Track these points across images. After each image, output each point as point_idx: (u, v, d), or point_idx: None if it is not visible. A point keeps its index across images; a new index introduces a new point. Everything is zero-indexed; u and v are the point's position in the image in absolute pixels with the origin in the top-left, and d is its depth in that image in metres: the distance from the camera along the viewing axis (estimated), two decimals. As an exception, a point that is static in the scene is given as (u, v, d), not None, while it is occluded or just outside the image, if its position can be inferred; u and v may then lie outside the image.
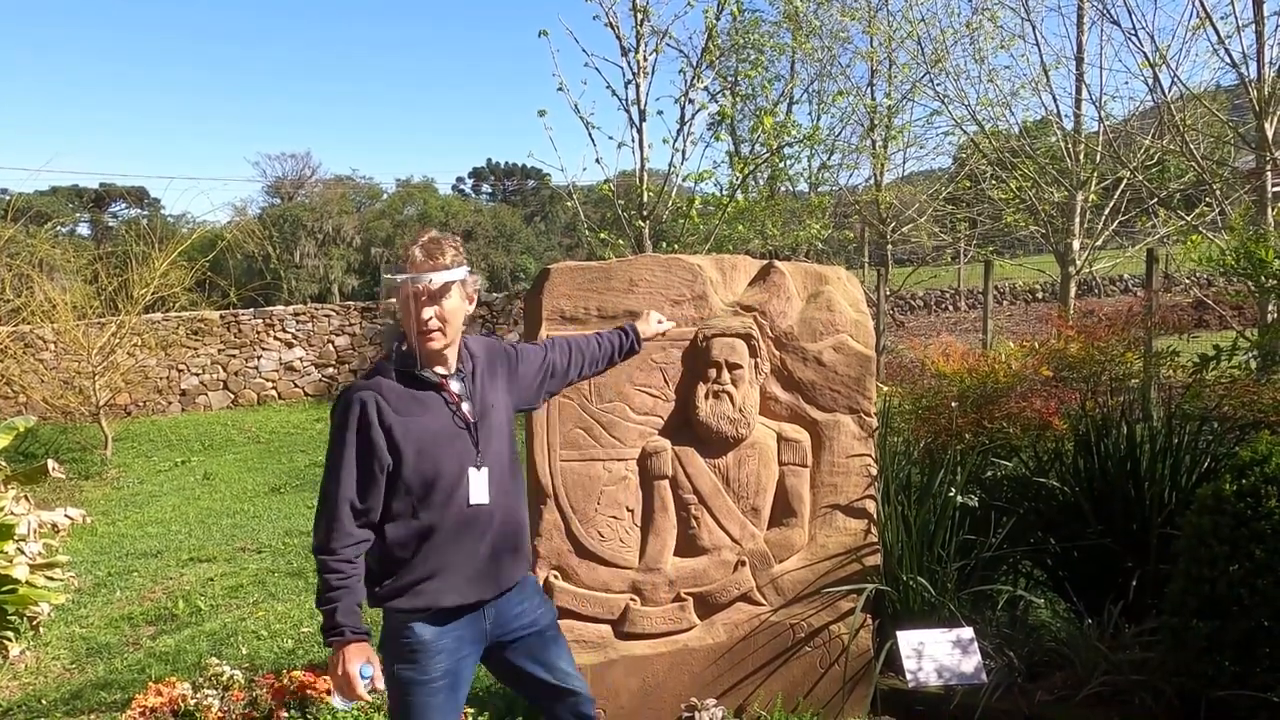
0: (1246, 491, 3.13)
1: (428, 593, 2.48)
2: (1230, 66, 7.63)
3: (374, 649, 2.45)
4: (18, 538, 4.89)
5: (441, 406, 2.51)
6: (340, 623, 2.37)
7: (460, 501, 2.49)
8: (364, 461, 2.41)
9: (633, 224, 8.17)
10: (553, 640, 2.76)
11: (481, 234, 43.78)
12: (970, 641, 3.62)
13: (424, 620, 2.50)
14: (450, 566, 2.49)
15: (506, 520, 2.60)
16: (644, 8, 7.65)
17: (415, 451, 2.43)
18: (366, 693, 2.38)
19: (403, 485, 2.44)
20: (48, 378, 13.14)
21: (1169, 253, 12.26)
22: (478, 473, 2.52)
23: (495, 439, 2.59)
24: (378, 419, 2.41)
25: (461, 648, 2.56)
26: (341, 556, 2.39)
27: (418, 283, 2.42)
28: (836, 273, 3.74)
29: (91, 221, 46.34)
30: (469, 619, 2.56)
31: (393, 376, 2.49)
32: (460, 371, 2.57)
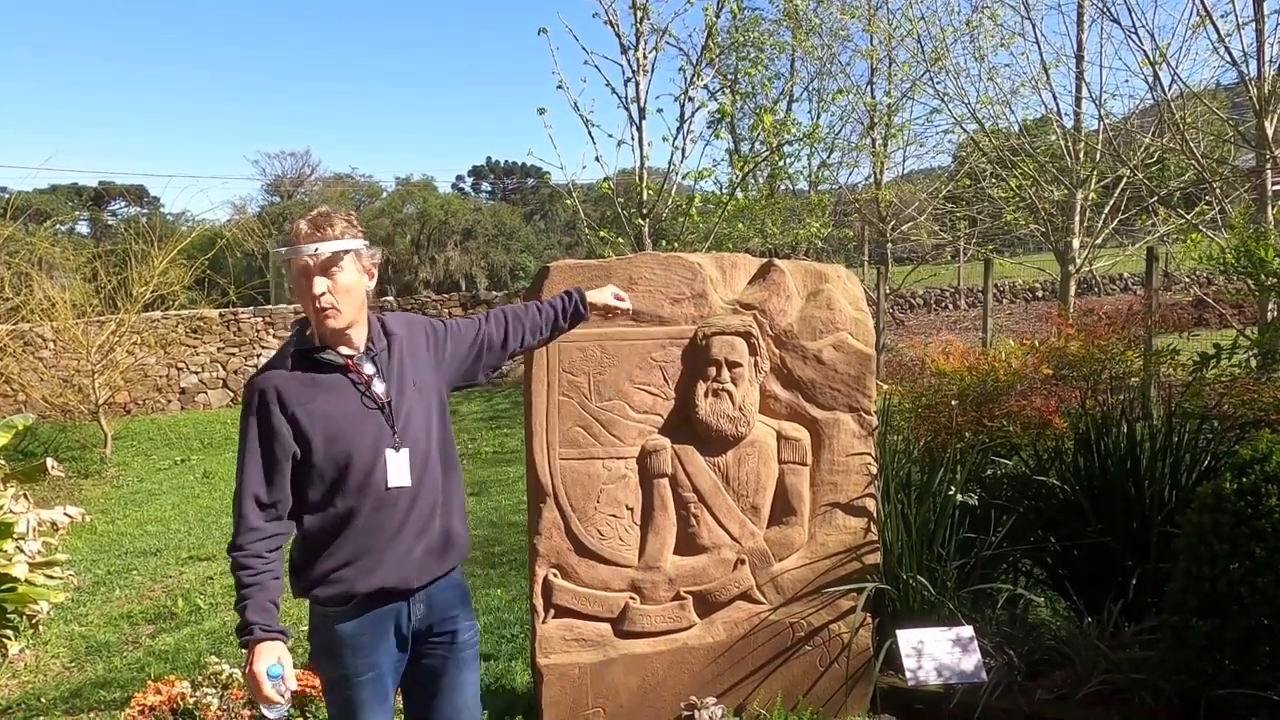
0: (1247, 490, 3.13)
1: (346, 579, 2.38)
2: (1230, 64, 7.62)
3: (286, 649, 2.35)
4: (17, 536, 4.88)
5: (349, 388, 2.40)
6: (251, 621, 2.29)
7: (378, 484, 2.38)
8: (269, 453, 2.32)
9: (632, 222, 8.17)
10: (468, 664, 2.62)
11: (481, 232, 43.76)
12: (970, 640, 3.62)
13: (345, 612, 2.41)
14: (368, 551, 2.39)
15: (432, 504, 2.49)
16: (643, 5, 7.65)
17: (324, 437, 2.34)
18: (276, 693, 2.28)
19: (315, 472, 2.35)
20: (47, 376, 13.14)
21: (1169, 251, 12.25)
22: (395, 454, 2.40)
23: (417, 419, 2.47)
24: (279, 407, 2.32)
25: (384, 640, 2.46)
26: (250, 552, 2.31)
27: (303, 255, 2.31)
28: (836, 271, 3.73)
29: (91, 220, 46.32)
30: (391, 610, 2.45)
31: (291, 363, 2.39)
32: (371, 350, 2.46)
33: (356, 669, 2.42)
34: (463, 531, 2.61)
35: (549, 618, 3.53)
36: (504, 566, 6.39)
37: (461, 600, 2.62)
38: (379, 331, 2.51)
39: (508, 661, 4.50)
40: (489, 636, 4.95)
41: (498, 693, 4.10)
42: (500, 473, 10.01)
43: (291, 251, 2.33)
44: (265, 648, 2.29)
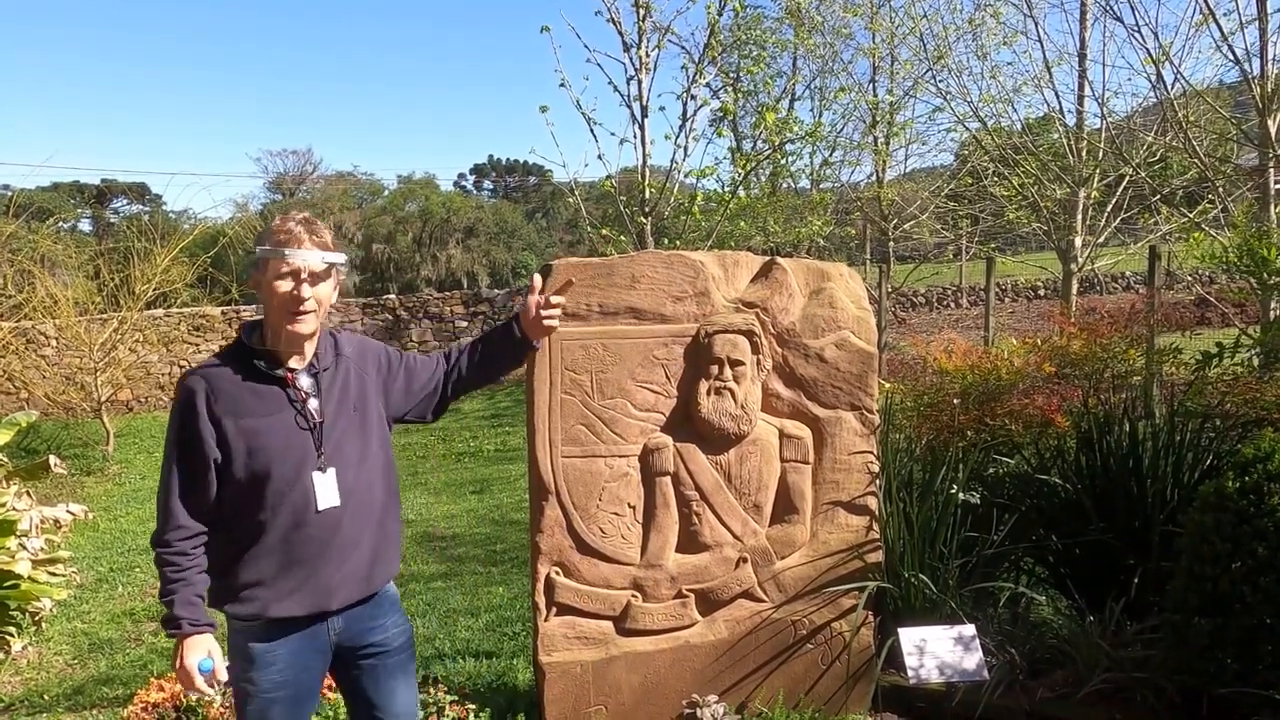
0: (1249, 489, 3.13)
1: (257, 600, 2.34)
2: (1233, 63, 7.61)
3: (216, 641, 2.35)
4: (20, 533, 4.90)
5: (283, 403, 2.35)
6: (178, 615, 2.27)
7: (298, 504, 2.33)
8: (193, 453, 2.30)
9: (634, 220, 8.17)
10: (399, 668, 2.58)
11: (483, 230, 43.77)
12: (972, 638, 3.62)
13: (256, 629, 2.37)
14: (284, 573, 2.34)
15: (360, 528, 2.43)
16: (646, 3, 7.66)
17: (246, 449, 2.29)
18: (207, 686, 2.29)
19: (233, 482, 2.31)
20: (49, 373, 13.16)
21: (1171, 250, 12.25)
22: (322, 476, 2.36)
23: (351, 442, 2.42)
24: (207, 411, 2.28)
25: (300, 659, 2.40)
26: (176, 549, 2.29)
27: (301, 260, 2.30)
28: (839, 269, 3.73)
29: (93, 217, 46.36)
30: (309, 631, 2.40)
31: (234, 366, 2.35)
32: (315, 367, 2.42)
33: (267, 685, 2.38)
34: (394, 557, 2.58)
35: (551, 615, 3.54)
36: (506, 564, 6.40)
37: (388, 609, 2.57)
38: (329, 348, 2.48)
39: (509, 659, 4.50)
40: (491, 634, 4.96)
41: (500, 690, 4.10)
42: (502, 470, 10.02)
43: (294, 255, 2.30)
44: (195, 641, 2.29)
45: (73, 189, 45.75)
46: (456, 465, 10.71)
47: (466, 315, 17.65)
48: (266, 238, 2.34)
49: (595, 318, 3.49)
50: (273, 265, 2.32)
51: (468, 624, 5.16)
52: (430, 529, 7.65)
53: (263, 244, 2.34)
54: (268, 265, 2.33)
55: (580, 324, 3.48)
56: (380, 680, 2.54)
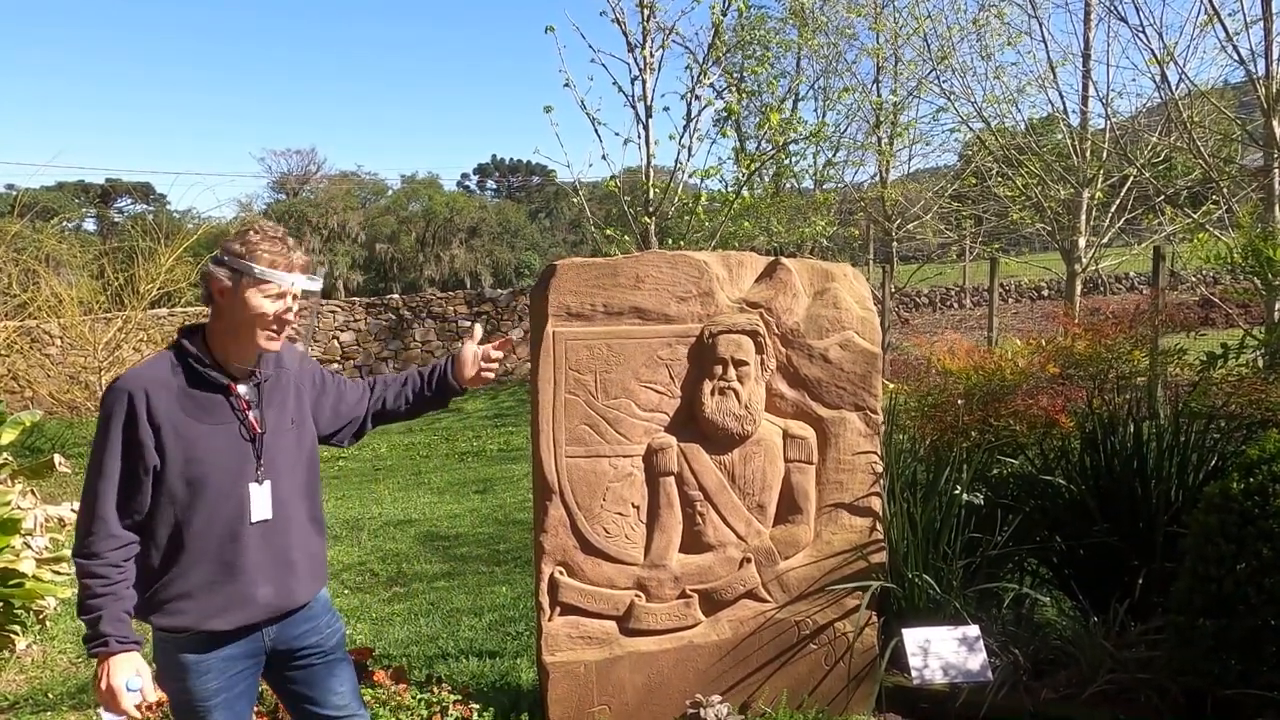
0: (1254, 490, 3.12)
1: (189, 613, 2.29)
2: (1238, 63, 7.61)
3: (144, 658, 2.28)
4: (24, 532, 4.90)
5: (226, 411, 2.32)
6: (104, 632, 2.20)
7: (232, 515, 2.30)
8: (129, 460, 2.23)
9: (638, 220, 8.18)
10: (336, 664, 2.58)
11: (486, 230, 43.81)
12: (976, 639, 3.62)
13: (186, 641, 2.32)
14: (214, 587, 2.30)
15: (291, 542, 2.41)
16: (650, 4, 7.66)
17: (184, 457, 2.25)
18: (133, 707, 2.21)
19: (167, 491, 2.26)
20: (54, 373, 13.19)
21: (1175, 250, 12.22)
22: (259, 488, 2.33)
23: (286, 454, 2.41)
24: (146, 416, 2.23)
25: (234, 665, 2.38)
26: (106, 560, 2.21)
27: (294, 286, 2.32)
28: (843, 270, 3.73)
29: (97, 217, 46.46)
30: (243, 641, 2.38)
31: (175, 373, 2.30)
32: (257, 377, 2.39)
33: (203, 694, 2.34)
34: (323, 569, 2.58)
35: (555, 615, 3.54)
36: (509, 564, 6.40)
37: (320, 612, 2.56)
38: (270, 358, 2.44)
39: (513, 659, 4.51)
40: (495, 634, 4.96)
41: (503, 690, 4.10)
42: (505, 470, 10.03)
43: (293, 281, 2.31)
44: (121, 660, 2.22)
45: (78, 188, 45.86)
46: (460, 465, 10.73)
47: (470, 315, 17.67)
48: (252, 254, 2.29)
49: (599, 318, 3.49)
50: (258, 284, 2.29)
51: (471, 623, 5.16)
52: (433, 529, 7.66)
53: (250, 258, 2.29)
54: (251, 283, 2.29)
55: (584, 324, 3.48)
56: (317, 679, 2.54)
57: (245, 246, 2.30)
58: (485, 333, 2.99)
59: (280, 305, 2.31)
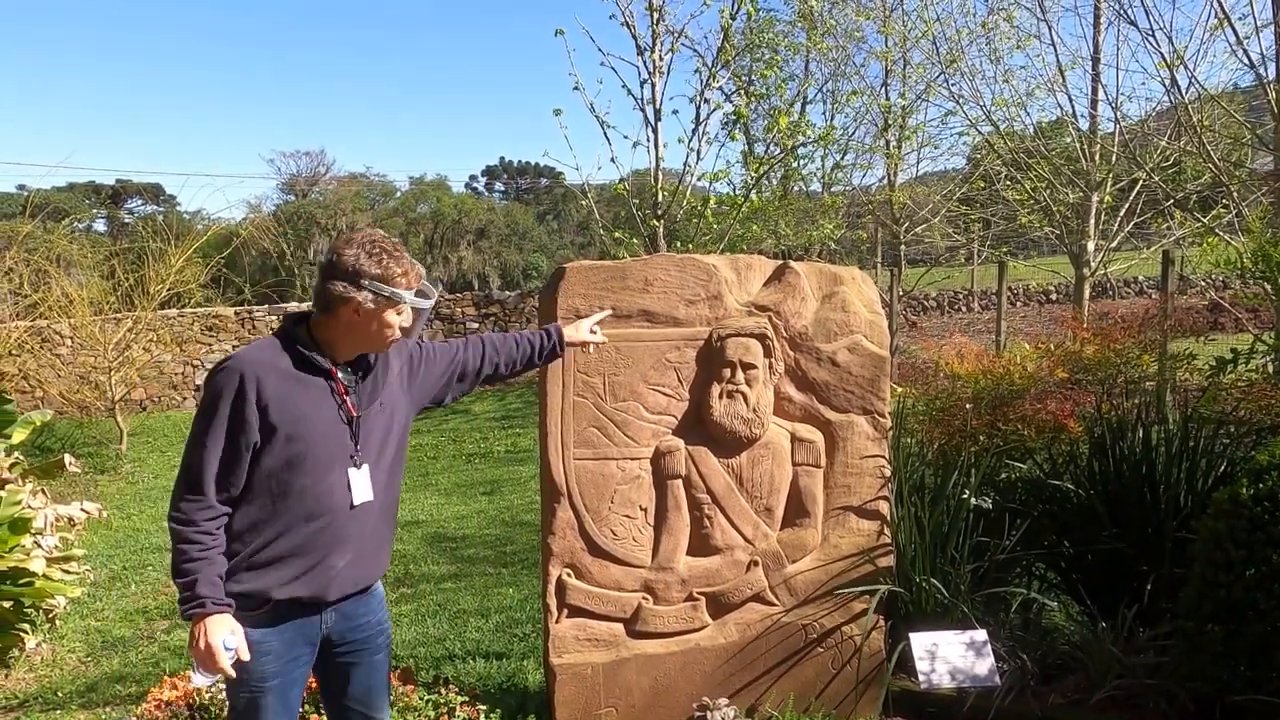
0: (1263, 495, 3.11)
1: (264, 579, 2.38)
2: (1248, 67, 7.59)
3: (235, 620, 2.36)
4: (34, 531, 4.92)
5: (327, 395, 2.44)
6: (201, 594, 2.28)
7: (323, 496, 2.40)
8: (233, 436, 2.33)
9: (647, 223, 8.19)
10: (379, 666, 2.68)
11: (494, 232, 43.87)
12: (983, 644, 3.61)
13: (254, 617, 2.40)
14: (293, 560, 2.40)
15: (374, 522, 2.53)
16: (660, 7, 7.68)
17: (287, 435, 2.36)
18: (230, 665, 2.30)
19: (266, 466, 2.36)
20: (64, 373, 13.24)
21: (1185, 255, 12.19)
22: (358, 471, 2.46)
23: (378, 437, 2.52)
24: (256, 395, 2.33)
25: (292, 650, 2.46)
26: (203, 528, 2.32)
27: (420, 305, 2.50)
28: (851, 273, 3.73)
29: (108, 218, 46.67)
30: (303, 621, 2.47)
31: (280, 355, 2.41)
32: (350, 364, 2.51)
33: (260, 674, 2.42)
34: (388, 552, 2.70)
35: (562, 617, 3.54)
36: (516, 566, 6.41)
37: (375, 607, 2.67)
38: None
39: (520, 661, 4.51)
40: (502, 635, 4.97)
41: (510, 691, 4.11)
42: (513, 472, 10.04)
43: (422, 304, 2.51)
44: (218, 620, 2.30)
45: (88, 189, 46.05)
46: (467, 466, 10.73)
47: (478, 316, 17.69)
48: (390, 276, 2.40)
49: (607, 320, 3.50)
50: (395, 305, 2.43)
51: (478, 625, 5.17)
52: (441, 530, 7.67)
53: (387, 282, 2.40)
54: (386, 303, 2.41)
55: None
56: (362, 669, 2.63)
57: (380, 268, 2.40)
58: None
59: (406, 318, 2.49)
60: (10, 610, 4.63)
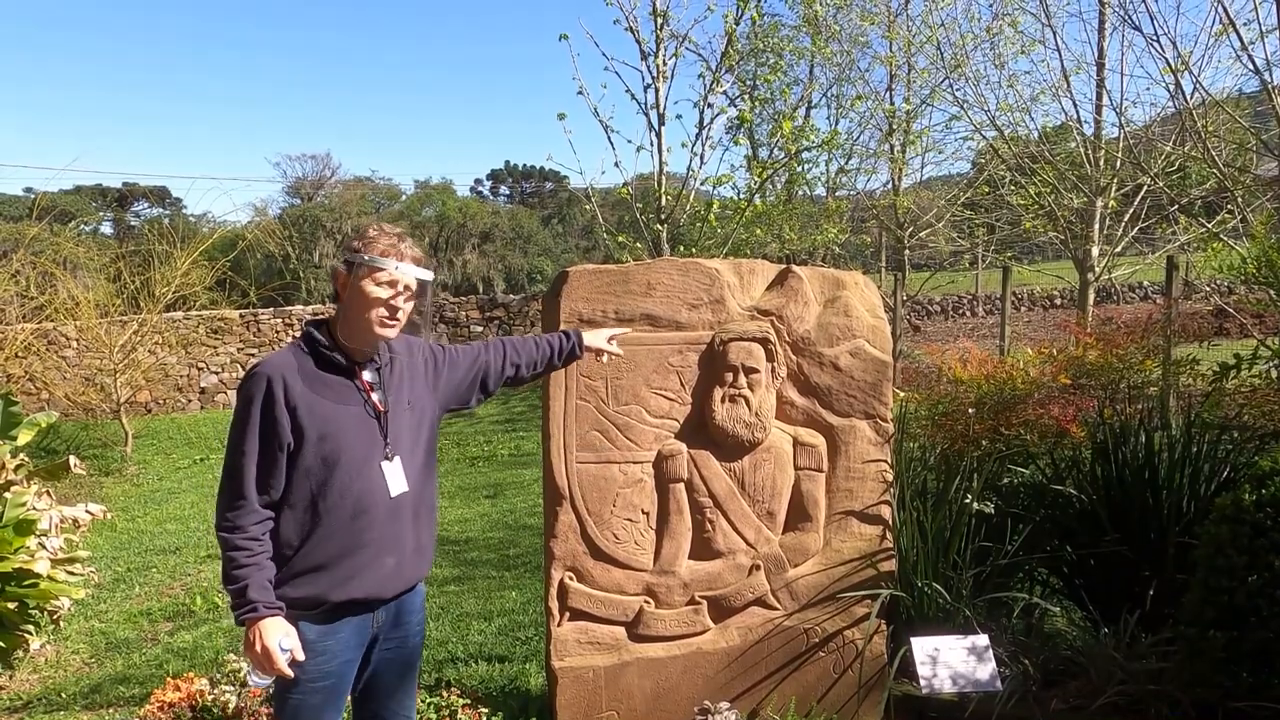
0: (1266, 501, 3.11)
1: (319, 583, 2.42)
2: (1253, 73, 7.56)
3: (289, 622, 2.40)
4: (39, 533, 4.94)
5: (352, 392, 2.48)
6: (253, 599, 2.33)
7: (362, 491, 2.44)
8: (266, 440, 2.38)
9: (650, 227, 8.20)
10: (410, 670, 2.71)
11: (499, 235, 43.90)
12: (985, 649, 3.61)
13: (310, 616, 2.44)
14: (345, 558, 2.44)
15: (411, 517, 2.56)
16: (664, 12, 7.69)
17: (319, 435, 2.40)
18: (287, 665, 2.33)
19: (303, 468, 2.40)
20: (70, 375, 13.30)
21: (1189, 260, 12.16)
22: (390, 464, 2.49)
23: (406, 435, 2.55)
24: (284, 397, 2.38)
25: (346, 651, 2.50)
26: (249, 534, 2.36)
27: (404, 274, 2.47)
28: (854, 278, 3.74)
29: (114, 220, 46.79)
30: (359, 620, 2.51)
31: (305, 358, 2.46)
32: (376, 363, 2.55)
33: (314, 674, 2.45)
34: (432, 545, 2.71)
35: (564, 620, 3.55)
36: (519, 569, 6.42)
37: (418, 607, 2.70)
38: (384, 347, 2.59)
39: (522, 664, 4.52)
40: (504, 639, 4.97)
41: (512, 694, 4.12)
42: (516, 475, 10.05)
43: (402, 270, 2.46)
44: (272, 623, 2.34)
45: (95, 192, 46.21)
46: (470, 469, 10.75)
47: (482, 320, 17.71)
48: (368, 246, 2.47)
49: (611, 324, 3.51)
50: (372, 273, 2.45)
51: (480, 628, 5.18)
52: (444, 533, 7.68)
53: (365, 250, 2.46)
54: (367, 271, 2.45)
55: (596, 330, 3.50)
56: (394, 678, 2.66)
57: (363, 241, 2.49)
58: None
59: (388, 293, 2.45)
60: (15, 611, 4.64)
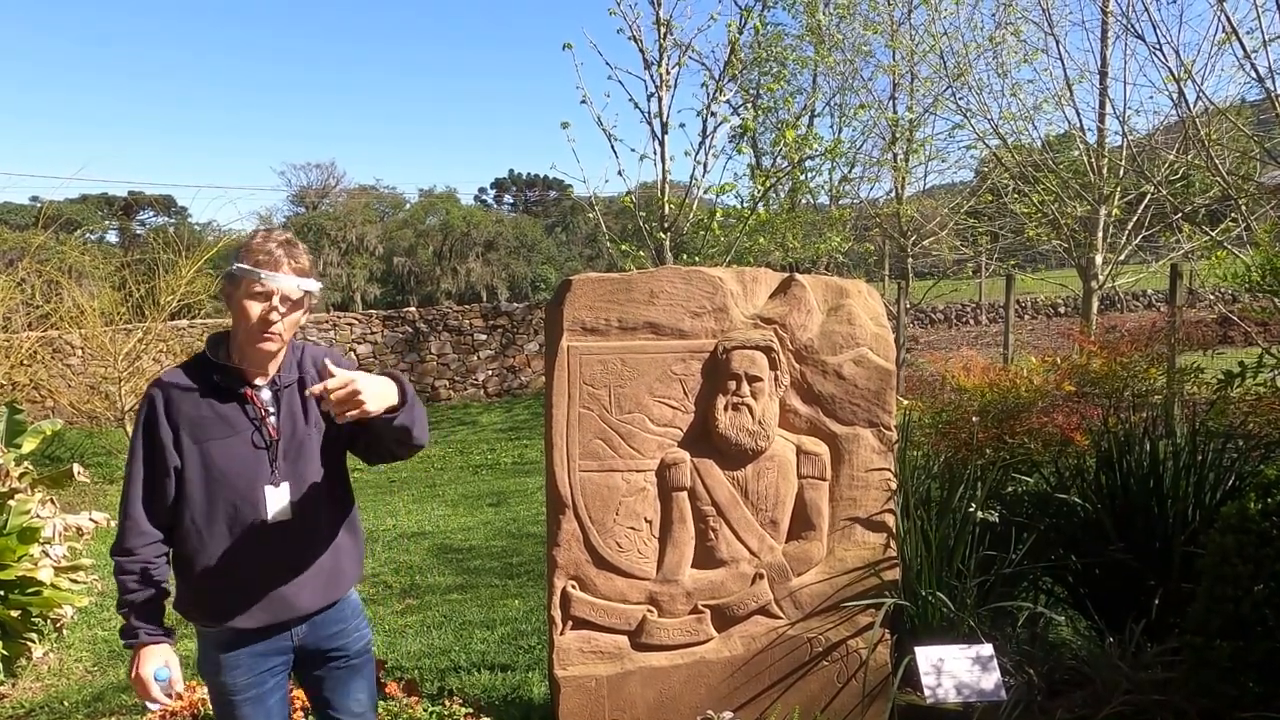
0: (1271, 510, 3.10)
1: (218, 611, 2.39)
2: (1256, 81, 7.57)
3: (173, 651, 2.39)
4: (43, 540, 4.95)
5: (240, 419, 2.38)
6: (135, 625, 2.32)
7: (247, 517, 2.36)
8: (156, 459, 2.34)
9: (654, 235, 8.21)
10: (357, 672, 2.64)
11: (503, 244, 44.00)
12: (990, 658, 3.59)
13: (218, 636, 2.42)
14: (241, 586, 2.38)
15: (315, 541, 2.47)
16: (667, 22, 7.71)
17: (201, 461, 2.33)
18: (164, 696, 2.33)
19: (187, 493, 2.35)
20: (75, 383, 13.32)
21: (1193, 268, 12.15)
22: (274, 490, 2.39)
23: (307, 457, 2.45)
24: (165, 417, 2.32)
25: (264, 662, 2.46)
26: (138, 557, 2.33)
27: (277, 285, 2.30)
28: (857, 286, 3.74)
29: (120, 229, 46.96)
30: (270, 641, 2.46)
31: (195, 380, 2.37)
32: (277, 384, 2.44)
33: (236, 688, 2.44)
34: (352, 566, 2.61)
35: (567, 629, 3.54)
36: (522, 577, 6.41)
37: (349, 616, 2.62)
38: (292, 364, 2.48)
39: (525, 672, 4.51)
40: (507, 647, 4.96)
41: (515, 704, 4.11)
42: (519, 483, 10.05)
43: (271, 279, 2.29)
44: (151, 651, 2.34)
45: (101, 201, 46.40)
46: (474, 478, 10.75)
47: (485, 328, 17.73)
48: (245, 255, 2.33)
49: (614, 332, 3.51)
50: (247, 284, 2.31)
51: (483, 636, 5.17)
52: (447, 541, 7.67)
53: (241, 261, 2.33)
54: (242, 282, 2.32)
55: (599, 339, 3.50)
56: (339, 684, 2.62)
57: (243, 250, 2.36)
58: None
59: (262, 306, 2.30)
60: (18, 619, 4.65)
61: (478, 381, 17.67)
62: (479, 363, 17.66)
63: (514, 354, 17.75)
